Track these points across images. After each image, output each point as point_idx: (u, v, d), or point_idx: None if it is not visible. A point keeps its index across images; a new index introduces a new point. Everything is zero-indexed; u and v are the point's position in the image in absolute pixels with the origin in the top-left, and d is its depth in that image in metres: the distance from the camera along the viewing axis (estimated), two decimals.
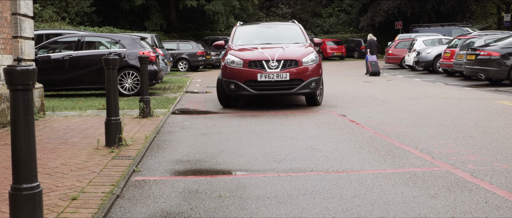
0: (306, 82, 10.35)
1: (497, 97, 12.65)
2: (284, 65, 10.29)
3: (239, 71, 10.37)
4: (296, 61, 10.37)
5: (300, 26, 12.63)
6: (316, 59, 10.68)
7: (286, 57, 10.39)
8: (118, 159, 5.85)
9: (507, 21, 44.88)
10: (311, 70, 10.46)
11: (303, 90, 10.39)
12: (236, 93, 10.50)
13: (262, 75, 10.20)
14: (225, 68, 10.61)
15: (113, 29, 33.44)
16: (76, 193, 4.51)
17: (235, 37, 12.10)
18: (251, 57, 10.47)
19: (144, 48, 13.96)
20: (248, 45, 11.43)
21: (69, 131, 7.82)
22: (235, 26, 12.76)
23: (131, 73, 13.67)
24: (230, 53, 10.84)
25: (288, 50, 10.72)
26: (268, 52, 10.56)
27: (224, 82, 10.61)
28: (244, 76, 10.31)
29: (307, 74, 10.37)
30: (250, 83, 10.30)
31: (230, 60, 10.55)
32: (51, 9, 33.12)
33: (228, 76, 10.49)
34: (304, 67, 10.37)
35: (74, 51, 13.95)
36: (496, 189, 4.65)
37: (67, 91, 14.69)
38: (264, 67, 10.25)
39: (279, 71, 10.21)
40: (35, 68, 3.50)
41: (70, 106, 11.23)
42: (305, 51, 10.83)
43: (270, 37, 12.04)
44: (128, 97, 13.22)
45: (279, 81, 10.23)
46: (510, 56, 15.83)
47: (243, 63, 10.37)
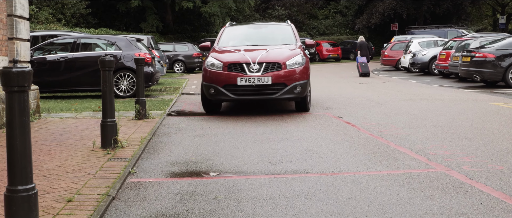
0: (290, 87, 9.63)
1: (492, 98, 12.70)
2: (266, 69, 9.61)
3: (218, 74, 9.72)
4: (279, 64, 9.68)
5: (292, 27, 11.91)
6: (303, 62, 9.98)
7: (268, 59, 9.72)
8: (113, 161, 5.85)
9: (502, 23, 45.05)
10: (296, 73, 9.77)
11: (287, 95, 9.69)
12: (216, 98, 9.85)
13: (242, 79, 9.55)
14: (205, 71, 10.03)
15: (109, 31, 33.40)
16: (71, 195, 4.50)
17: (222, 38, 11.50)
18: (231, 60, 9.82)
19: (140, 50, 13.95)
20: (233, 47, 10.79)
21: (65, 133, 7.81)
22: (224, 27, 12.19)
23: (127, 74, 13.65)
24: (211, 55, 10.25)
25: (272, 53, 10.05)
26: (250, 54, 9.93)
27: (204, 86, 9.97)
28: (223, 80, 9.66)
29: (291, 78, 9.68)
30: (229, 87, 9.64)
31: (210, 63, 9.93)
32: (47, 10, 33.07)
33: (208, 79, 9.87)
34: (288, 70, 9.69)
35: (69, 52, 13.92)
36: (491, 190, 4.66)
37: (63, 93, 14.66)
38: (245, 71, 9.60)
39: (260, 75, 9.54)
40: (31, 69, 3.50)
41: (65, 108, 11.21)
42: (290, 53, 10.14)
43: (259, 39, 11.41)
44: (124, 99, 13.20)
45: (260, 86, 9.55)
46: (505, 58, 15.89)
47: (222, 66, 9.73)
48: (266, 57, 9.77)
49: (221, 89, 9.66)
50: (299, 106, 10.41)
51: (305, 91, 9.90)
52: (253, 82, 9.54)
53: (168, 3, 40.76)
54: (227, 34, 11.66)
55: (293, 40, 11.19)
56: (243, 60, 9.73)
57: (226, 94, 9.65)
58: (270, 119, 9.42)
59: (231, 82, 9.61)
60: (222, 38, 11.49)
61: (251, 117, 9.83)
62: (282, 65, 9.70)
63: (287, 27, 11.88)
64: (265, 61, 9.68)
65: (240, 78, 9.57)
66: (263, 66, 9.61)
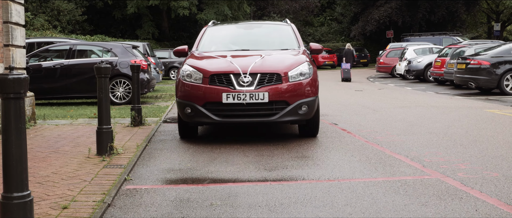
0: (294, 106, 7.31)
1: (487, 105, 12.74)
2: (262, 81, 7.26)
3: (197, 88, 7.34)
4: (278, 75, 7.32)
5: (293, 27, 9.44)
6: (310, 72, 7.59)
7: (264, 69, 7.35)
8: (109, 168, 5.84)
9: (497, 31, 45.27)
10: (302, 88, 7.42)
11: (289, 117, 7.35)
12: (194, 120, 7.48)
13: (229, 96, 7.16)
14: (180, 83, 7.62)
15: (105, 38, 33.42)
16: (67, 202, 4.50)
17: (203, 40, 8.98)
18: (214, 69, 7.41)
19: (136, 57, 13.96)
20: (216, 52, 8.37)
21: (60, 140, 7.80)
22: (205, 26, 9.65)
23: (123, 81, 13.65)
24: (188, 62, 7.78)
25: (269, 60, 7.66)
26: (240, 62, 7.53)
27: (178, 104, 7.61)
28: (204, 96, 7.28)
29: (295, 94, 7.34)
30: (212, 106, 7.29)
31: (186, 73, 7.53)
32: (43, 17, 33.06)
33: (183, 95, 7.50)
34: (291, 83, 7.36)
35: (65, 59, 13.93)
36: (486, 197, 4.68)
37: (58, 100, 14.64)
38: (233, 84, 7.22)
39: (253, 90, 7.18)
40: (27, 76, 3.50)
41: (61, 115, 11.19)
42: (293, 60, 7.73)
43: (251, 42, 8.98)
44: (119, 106, 13.19)
45: (253, 105, 7.22)
46: (500, 65, 15.97)
47: (202, 78, 7.36)
48: (262, 66, 7.42)
49: (201, 109, 7.30)
50: (305, 131, 8.09)
51: (313, 111, 7.56)
52: (243, 99, 7.19)
53: (164, 10, 40.82)
54: (210, 36, 9.19)
55: (295, 44, 8.83)
56: (231, 69, 7.34)
57: (207, 115, 7.29)
58: (266, 127, 9.42)
59: (214, 99, 7.25)
60: (203, 40, 8.99)
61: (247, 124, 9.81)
62: (283, 76, 7.35)
63: (286, 28, 9.45)
64: (260, 71, 7.32)
65: (226, 94, 7.18)
66: (257, 77, 7.26)
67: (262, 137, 8.19)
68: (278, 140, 7.93)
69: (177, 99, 7.69)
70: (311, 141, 7.75)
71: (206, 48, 8.75)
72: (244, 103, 7.20)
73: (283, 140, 7.91)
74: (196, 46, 8.82)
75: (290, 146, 7.39)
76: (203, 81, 7.36)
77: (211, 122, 7.41)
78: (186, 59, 8.10)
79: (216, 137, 8.31)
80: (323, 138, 8.09)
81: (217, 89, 7.26)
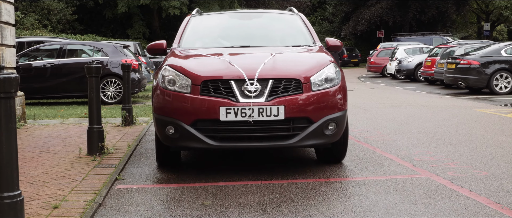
0: (319, 124, 5.33)
1: (477, 105, 12.83)
2: (275, 90, 5.27)
3: (183, 100, 5.30)
4: (297, 81, 5.34)
5: (302, 17, 7.26)
6: (337, 77, 5.64)
7: (278, 73, 5.36)
8: (100, 168, 5.83)
9: (486, 31, 45.56)
10: (328, 98, 5.45)
11: (312, 141, 5.37)
12: (179, 144, 5.44)
13: (229, 110, 5.17)
14: (159, 92, 5.52)
15: (95, 37, 33.31)
16: (58, 202, 4.49)
17: (186, 34, 6.82)
18: (208, 73, 5.39)
19: (126, 56, 13.93)
20: (206, 49, 6.25)
21: (51, 140, 7.78)
22: (188, 15, 7.39)
23: (114, 81, 13.62)
24: (169, 63, 5.67)
25: (282, 60, 5.67)
26: (243, 62, 5.57)
27: (156, 122, 5.54)
28: (193, 111, 5.26)
29: (320, 108, 5.37)
30: (205, 125, 5.27)
31: (167, 78, 5.47)
32: (33, 16, 32.89)
33: (162, 109, 5.45)
34: (314, 93, 5.37)
35: (56, 59, 13.88)
36: (475, 195, 4.72)
37: (49, 99, 14.58)
38: (234, 94, 5.22)
39: (264, 102, 5.20)
40: (17, 76, 3.50)
41: (51, 114, 11.15)
42: (315, 61, 5.76)
43: (251, 36, 6.94)
44: (110, 105, 13.16)
45: (264, 123, 5.23)
46: (489, 65, 16.08)
47: (191, 85, 5.31)
48: (274, 69, 5.41)
49: (189, 129, 5.24)
50: (327, 154, 6.11)
51: (342, 131, 5.60)
52: (250, 115, 5.17)
53: (155, 10, 40.74)
54: (195, 28, 7.00)
55: (309, 39, 6.77)
56: (232, 73, 5.33)
57: (198, 138, 5.23)
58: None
59: (209, 115, 5.22)
60: (187, 34, 6.83)
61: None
62: (304, 83, 5.36)
63: (294, 18, 7.27)
64: (272, 75, 5.31)
65: (225, 109, 5.17)
66: (269, 85, 5.26)
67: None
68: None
69: (155, 114, 5.48)
70: None
71: (190, 44, 6.59)
72: (251, 121, 5.16)
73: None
74: (177, 41, 6.62)
75: (280, 147, 7.39)
76: (193, 90, 5.27)
77: (204, 148, 5.29)
78: (166, 58, 5.94)
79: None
80: None
81: (212, 101, 5.18)
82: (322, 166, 6.03)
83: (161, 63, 5.98)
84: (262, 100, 5.22)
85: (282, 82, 5.33)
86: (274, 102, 5.23)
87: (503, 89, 15.98)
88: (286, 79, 5.35)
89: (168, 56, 6.04)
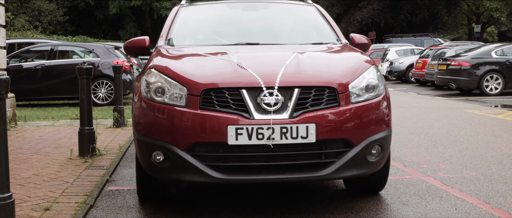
0: (361, 148, 4.00)
1: (468, 106, 12.90)
2: (302, 103, 3.91)
3: (176, 116, 3.93)
4: (332, 90, 3.99)
5: (319, 8, 5.89)
6: (381, 84, 4.30)
7: (305, 79, 4.01)
8: (91, 169, 5.82)
9: (477, 32, 45.85)
10: (372, 113, 4.11)
11: (352, 171, 4.01)
12: (169, 176, 4.05)
13: (241, 130, 3.81)
14: (142, 104, 4.15)
15: (86, 38, 33.21)
16: (49, 204, 4.47)
17: (176, 28, 5.39)
18: (211, 79, 4.01)
19: (118, 58, 13.90)
20: (205, 47, 4.89)
21: (42, 141, 7.74)
22: (177, 6, 5.90)
23: (105, 82, 13.58)
24: (156, 65, 4.30)
25: (309, 60, 4.35)
26: (257, 64, 4.23)
27: (139, 145, 4.16)
28: (190, 131, 3.88)
29: (362, 125, 4.03)
30: (207, 150, 3.91)
31: (155, 86, 4.09)
32: (24, 18, 32.75)
33: (145, 128, 4.09)
34: (354, 106, 4.03)
35: (46, 60, 13.82)
36: (466, 196, 4.75)
37: (40, 101, 14.50)
38: (248, 108, 3.84)
39: (288, 119, 3.83)
40: (8, 77, 3.49)
41: (42, 116, 11.10)
42: (352, 62, 4.49)
43: (257, 31, 5.45)
44: (102, 107, 13.12)
45: (288, 147, 3.89)
46: (480, 66, 16.18)
47: (187, 96, 3.94)
48: (299, 73, 4.06)
49: (185, 156, 3.88)
50: (360, 183, 4.79)
51: (387, 155, 4.34)
52: (269, 138, 3.81)
53: (147, 11, 40.68)
54: (186, 20, 5.58)
55: (331, 35, 5.38)
56: (244, 79, 3.95)
57: (197, 168, 3.87)
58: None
59: (212, 137, 3.85)
60: (176, 27, 5.40)
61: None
62: (341, 93, 4.01)
63: (309, 9, 5.86)
64: (298, 82, 3.96)
65: (236, 129, 3.80)
66: (294, 95, 3.88)
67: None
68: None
69: (136, 134, 4.11)
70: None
71: (181, 41, 5.23)
72: (271, 146, 3.79)
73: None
74: (165, 37, 5.18)
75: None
76: (189, 103, 3.87)
77: (205, 182, 3.88)
78: (151, 59, 4.53)
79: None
80: None
81: (217, 118, 3.79)
82: (351, 198, 5.10)
83: (144, 66, 4.59)
84: (285, 116, 3.79)
85: (311, 92, 3.88)
86: (301, 119, 3.79)
87: (493, 90, 16.08)
88: (317, 88, 3.91)
89: (154, 56, 4.55)
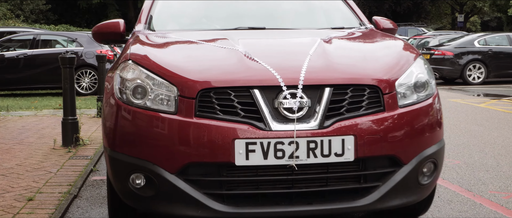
0: (413, 167, 2.96)
1: (451, 95, 13.03)
2: (335, 108, 2.84)
3: (163, 125, 2.85)
4: (374, 89, 2.93)
5: None
6: (431, 81, 3.21)
7: (339, 74, 2.94)
8: (75, 159, 5.79)
9: (460, 22, 46.16)
10: (424, 119, 3.05)
11: (400, 199, 2.98)
12: (153, 208, 2.94)
13: (254, 146, 2.74)
14: (115, 108, 3.02)
15: (69, 27, 32.87)
16: (32, 194, 4.44)
17: (158, 8, 4.33)
18: (210, 75, 2.90)
19: (101, 47, 13.79)
20: (197, 32, 3.86)
21: (25, 131, 7.68)
22: None
23: (89, 72, 13.50)
24: (135, 53, 3.20)
25: (339, 48, 3.39)
26: (271, 54, 3.21)
27: (111, 163, 3.07)
28: (183, 147, 2.80)
29: (413, 136, 2.98)
30: (206, 173, 2.83)
31: (133, 84, 2.98)
32: (5, 6, 32.31)
33: (120, 142, 3.00)
34: (403, 111, 2.97)
35: (29, 49, 13.69)
36: (448, 184, 4.81)
37: (22, 91, 14.37)
38: (262, 115, 2.77)
39: (317, 130, 2.76)
40: None
41: (25, 106, 11.01)
42: (394, 52, 3.40)
43: (260, 12, 4.42)
44: (85, 96, 13.04)
45: (318, 169, 2.83)
46: (463, 56, 16.33)
47: (177, 97, 2.85)
48: (329, 66, 3.00)
49: (175, 182, 2.83)
50: (403, 208, 3.40)
51: (439, 175, 3.25)
52: (292, 155, 2.77)
53: (130, 0, 40.35)
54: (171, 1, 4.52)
55: (352, 18, 4.41)
56: (256, 75, 2.87)
57: (192, 198, 2.82)
58: None
59: (214, 156, 2.78)
60: (159, 7, 4.35)
61: None
62: (386, 93, 2.95)
63: None
64: (329, 78, 2.89)
65: (247, 144, 2.75)
66: (325, 97, 2.83)
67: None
68: None
69: (109, 149, 3.10)
70: None
71: (165, 25, 4.17)
72: (294, 167, 2.80)
73: None
74: (144, 21, 4.11)
75: None
76: (181, 107, 2.86)
77: (206, 217, 2.86)
78: (127, 48, 3.44)
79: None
80: None
81: (220, 128, 2.79)
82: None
83: (118, 57, 3.56)
84: (313, 126, 2.78)
85: (347, 92, 2.87)
86: (336, 130, 2.79)
87: (476, 79, 16.24)
88: (355, 86, 2.90)
89: (131, 44, 3.42)
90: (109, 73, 3.43)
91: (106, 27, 4.07)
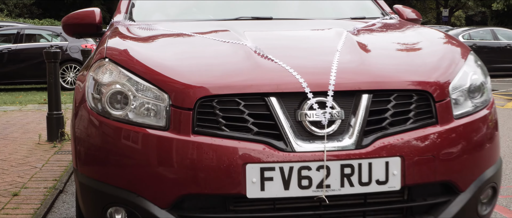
0: (473, 193, 2.31)
1: None
2: (377, 121, 2.17)
3: (151, 146, 2.15)
4: (424, 95, 2.25)
5: None
6: (487, 83, 2.54)
7: (377, 77, 2.24)
8: (60, 154, 5.77)
9: (445, 16, 46.52)
10: (483, 133, 2.38)
11: None
12: None
13: (271, 173, 2.07)
14: (87, 121, 2.32)
15: (54, 22, 32.63)
16: (17, 189, 4.43)
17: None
18: (213, 79, 2.19)
19: (86, 41, 13.73)
20: (189, 22, 3.16)
21: (9, 126, 7.63)
22: None
23: (74, 66, 13.44)
24: (112, 48, 2.51)
25: (373, 44, 2.62)
26: (288, 50, 2.50)
27: (84, 192, 2.35)
28: (177, 175, 2.11)
29: (470, 154, 2.31)
30: (208, 208, 2.17)
31: (112, 89, 2.26)
32: None
33: (95, 167, 2.30)
34: (459, 123, 2.29)
35: (13, 44, 13.60)
36: None
37: (6, 85, 14.26)
38: (280, 129, 2.09)
39: (354, 151, 2.10)
40: None
41: (9, 101, 10.93)
42: (439, 49, 2.66)
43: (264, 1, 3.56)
44: (70, 91, 12.97)
45: (354, 200, 2.18)
46: None
47: (169, 108, 2.16)
48: (364, 65, 2.32)
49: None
50: None
51: (496, 201, 2.54)
52: (322, 183, 2.09)
53: None
54: None
55: (373, 6, 3.65)
56: (273, 79, 2.17)
57: None
58: None
59: (218, 186, 2.09)
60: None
61: None
62: (438, 101, 2.27)
63: None
64: (365, 83, 2.20)
65: (262, 170, 2.07)
66: (362, 106, 2.15)
67: None
68: None
69: (80, 174, 2.39)
70: None
71: (149, 14, 3.52)
72: (324, 199, 2.12)
73: None
74: (126, 9, 3.42)
75: None
76: (174, 121, 2.16)
77: None
78: (103, 42, 2.70)
79: None
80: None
81: (225, 149, 2.10)
82: None
83: (92, 54, 2.90)
84: (348, 144, 2.15)
85: (390, 100, 2.24)
86: (377, 149, 2.16)
87: None
88: (400, 92, 2.26)
89: (109, 38, 2.72)
90: (80, 74, 2.69)
91: (78, 18, 3.35)
